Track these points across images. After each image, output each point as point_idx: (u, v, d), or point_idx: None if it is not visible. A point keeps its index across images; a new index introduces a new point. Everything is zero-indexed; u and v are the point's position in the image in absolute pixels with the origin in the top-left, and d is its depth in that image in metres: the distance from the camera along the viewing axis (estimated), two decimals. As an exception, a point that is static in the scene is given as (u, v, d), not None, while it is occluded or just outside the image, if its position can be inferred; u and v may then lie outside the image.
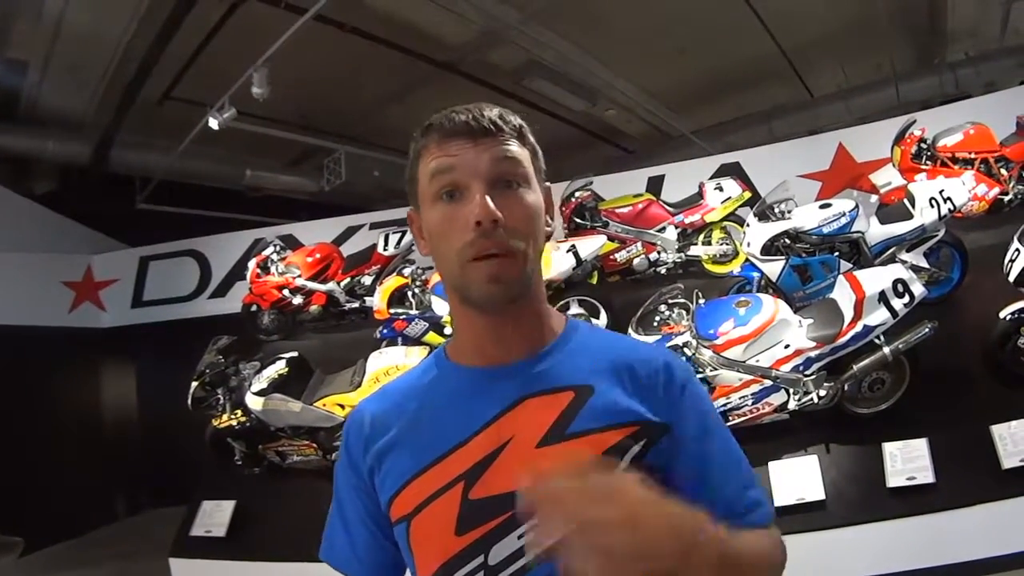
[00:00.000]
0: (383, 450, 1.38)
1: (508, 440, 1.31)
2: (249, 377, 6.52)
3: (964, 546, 4.37)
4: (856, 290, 4.85)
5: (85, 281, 10.24)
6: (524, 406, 1.33)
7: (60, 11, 7.91)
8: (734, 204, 7.40)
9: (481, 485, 1.30)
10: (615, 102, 12.23)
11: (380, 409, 1.45)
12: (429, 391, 1.43)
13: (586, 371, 1.38)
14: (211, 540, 6.38)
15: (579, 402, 1.33)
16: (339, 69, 10.12)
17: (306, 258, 8.28)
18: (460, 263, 1.29)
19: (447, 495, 1.30)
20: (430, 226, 1.34)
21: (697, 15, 9.74)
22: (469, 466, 1.31)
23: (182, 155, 10.73)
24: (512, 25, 9.26)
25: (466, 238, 1.27)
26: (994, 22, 10.70)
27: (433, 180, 1.31)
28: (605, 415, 1.32)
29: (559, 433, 1.31)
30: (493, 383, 1.36)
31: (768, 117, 12.68)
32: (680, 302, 5.70)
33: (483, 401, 1.35)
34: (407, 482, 1.33)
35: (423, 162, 1.35)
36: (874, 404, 5.08)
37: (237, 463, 6.59)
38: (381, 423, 1.42)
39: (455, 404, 1.37)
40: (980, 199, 6.30)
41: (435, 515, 1.30)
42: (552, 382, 1.36)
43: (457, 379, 1.41)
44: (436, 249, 1.34)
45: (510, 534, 1.26)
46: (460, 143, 1.31)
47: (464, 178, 1.29)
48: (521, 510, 1.03)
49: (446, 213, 1.30)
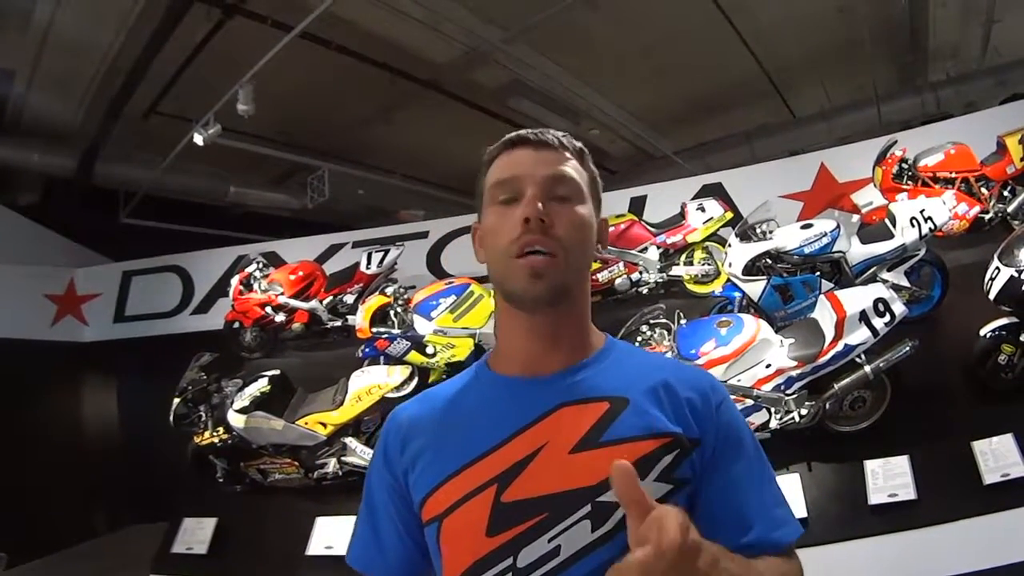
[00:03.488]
0: (419, 451, 1.44)
1: (543, 445, 1.35)
2: (231, 394, 6.47)
3: (947, 562, 4.36)
4: (837, 310, 4.87)
5: (67, 295, 10.15)
6: (560, 414, 1.38)
7: (48, 22, 7.89)
8: (716, 224, 7.41)
9: (514, 488, 1.33)
10: (598, 122, 12.26)
11: (418, 412, 1.52)
12: (467, 397, 1.50)
13: (623, 384, 1.42)
14: (192, 557, 6.31)
15: (614, 412, 1.38)
16: (324, 87, 10.13)
17: (289, 276, 8.25)
18: (506, 259, 1.38)
19: (480, 497, 1.34)
20: (485, 228, 1.45)
21: (680, 36, 9.82)
22: (503, 469, 1.35)
23: (167, 170, 10.70)
24: (496, 45, 9.30)
25: (513, 235, 1.37)
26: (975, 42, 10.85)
27: (493, 186, 1.44)
28: (639, 425, 1.36)
29: (593, 440, 1.35)
30: (531, 390, 1.42)
31: (750, 138, 12.78)
32: (662, 322, 5.71)
33: (519, 407, 1.40)
34: (441, 483, 1.38)
35: (488, 173, 1.48)
36: (856, 422, 5.09)
37: (219, 480, 6.55)
38: (418, 425, 1.48)
39: (492, 409, 1.43)
40: (961, 218, 6.35)
41: (467, 516, 1.34)
42: (589, 392, 1.41)
43: (495, 386, 1.47)
44: (491, 249, 1.43)
45: (540, 537, 1.30)
46: (522, 152, 1.45)
47: (521, 184, 1.40)
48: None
49: (500, 214, 1.41)
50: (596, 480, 1.30)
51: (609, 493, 1.26)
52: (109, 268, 10.61)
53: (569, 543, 1.29)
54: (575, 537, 1.29)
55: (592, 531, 1.29)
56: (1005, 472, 4.47)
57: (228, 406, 6.30)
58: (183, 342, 9.22)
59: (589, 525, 1.29)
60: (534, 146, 1.45)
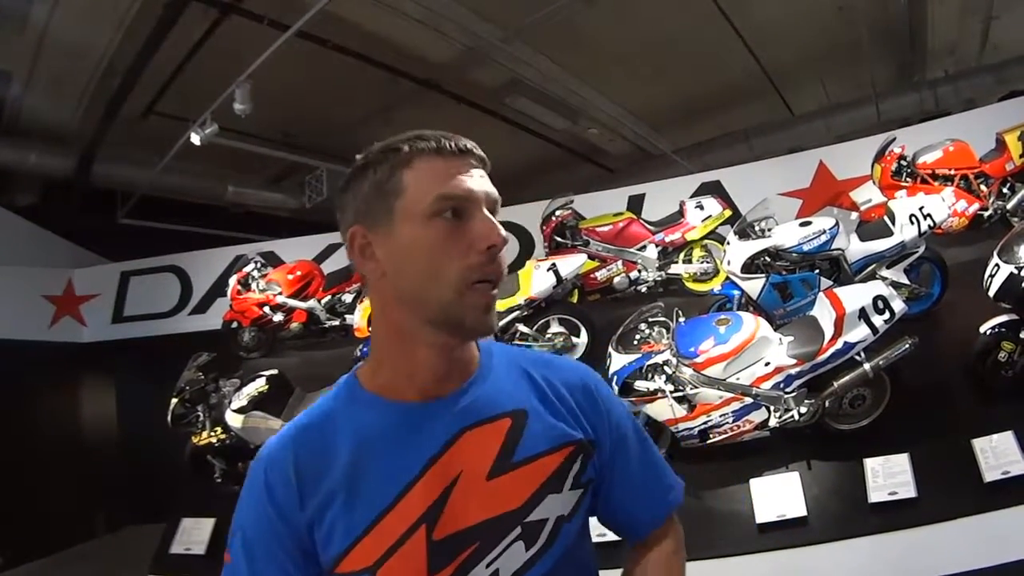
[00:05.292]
0: (324, 502, 1.31)
1: (457, 476, 1.33)
2: (229, 394, 6.49)
3: (947, 560, 4.35)
4: (836, 307, 4.87)
5: (66, 295, 10.16)
6: (465, 439, 1.35)
7: (44, 23, 7.87)
8: (715, 222, 7.43)
9: (442, 524, 1.31)
10: (597, 121, 12.25)
11: (306, 453, 1.36)
12: (362, 432, 1.36)
13: (515, 394, 1.43)
14: (191, 557, 6.33)
15: (517, 428, 1.39)
16: (321, 86, 10.11)
17: (287, 275, 8.25)
18: (459, 285, 1.27)
19: (412, 540, 1.29)
20: (419, 243, 1.28)
21: (679, 34, 9.80)
22: (426, 508, 1.31)
23: (164, 170, 10.70)
24: (495, 44, 9.28)
25: (470, 260, 1.27)
26: (973, 40, 10.83)
27: (439, 195, 1.28)
28: (543, 439, 1.40)
29: (505, 462, 1.36)
30: (431, 418, 1.36)
31: (749, 136, 12.76)
32: (660, 320, 5.69)
33: (423, 439, 1.34)
34: (363, 533, 1.29)
35: (414, 173, 1.30)
36: (855, 420, 5.08)
37: (217, 480, 6.54)
38: (313, 470, 1.34)
39: (395, 444, 1.35)
40: (960, 215, 6.36)
41: (403, 562, 1.29)
42: (487, 411, 1.39)
43: (391, 416, 1.37)
44: (425, 268, 1.28)
45: (478, 565, 1.31)
46: (466, 164, 1.33)
47: (471, 204, 1.30)
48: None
49: (449, 231, 1.28)
50: (520, 502, 1.35)
51: (536, 511, 1.35)
52: (107, 269, 10.62)
53: (507, 566, 1.33)
54: (512, 559, 1.33)
55: (526, 550, 1.34)
56: (1005, 470, 4.46)
57: (226, 406, 6.30)
58: (181, 342, 9.24)
59: (523, 545, 1.34)
60: (476, 161, 1.36)
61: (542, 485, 1.37)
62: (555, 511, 1.38)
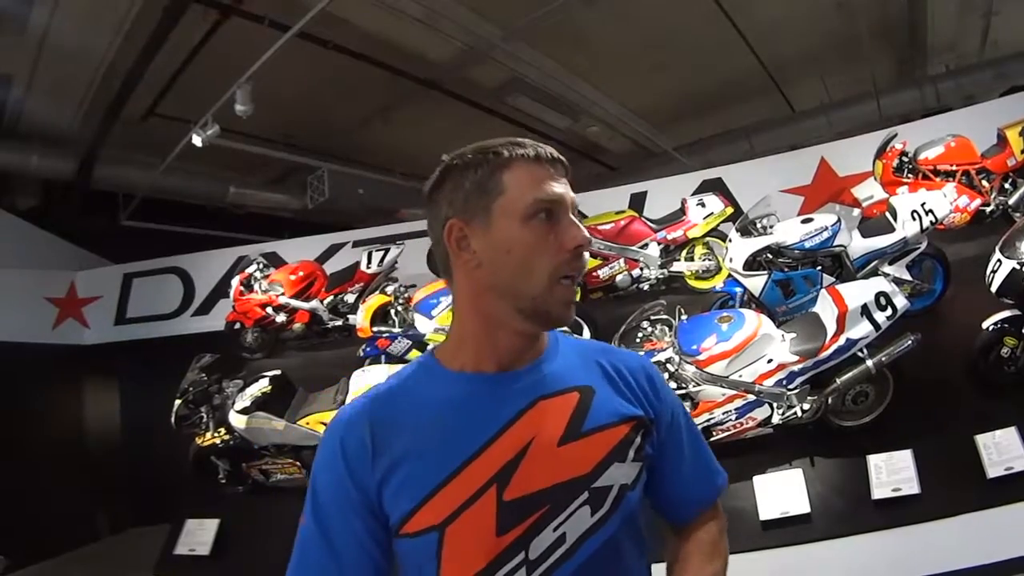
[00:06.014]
0: (397, 460, 1.39)
1: (530, 441, 1.41)
2: (232, 395, 6.49)
3: (950, 556, 4.36)
4: (839, 304, 4.86)
5: (68, 297, 10.17)
6: (538, 408, 1.45)
7: (45, 26, 7.86)
8: (716, 220, 7.42)
9: (513, 486, 1.38)
10: (598, 119, 12.23)
11: (381, 417, 1.44)
12: (433, 396, 1.46)
13: (582, 373, 1.54)
14: (195, 559, 6.33)
15: (586, 401, 1.49)
16: (322, 87, 10.10)
17: (289, 276, 8.26)
18: (551, 279, 1.40)
19: (482, 499, 1.36)
20: (516, 239, 1.40)
21: (679, 32, 9.79)
22: (498, 469, 1.39)
23: (166, 172, 10.69)
24: (495, 43, 9.27)
25: (563, 257, 1.41)
26: (974, 35, 10.82)
27: (537, 199, 1.40)
28: (610, 412, 1.50)
29: (575, 431, 1.45)
30: (506, 388, 1.47)
31: (750, 133, 12.73)
32: (663, 318, 5.70)
33: (499, 405, 1.44)
34: (434, 491, 1.36)
35: (513, 176, 1.42)
36: (858, 417, 5.09)
37: (221, 481, 6.54)
38: (387, 432, 1.42)
39: (471, 409, 1.43)
40: (962, 211, 6.34)
41: (473, 520, 1.36)
42: (558, 384, 1.50)
43: (467, 386, 1.47)
44: (521, 262, 1.40)
45: (546, 528, 1.38)
46: (556, 171, 1.47)
47: (561, 208, 1.43)
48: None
49: (543, 231, 1.41)
50: (588, 468, 1.43)
51: (603, 478, 1.44)
52: (110, 270, 10.63)
53: (573, 529, 1.40)
54: (578, 523, 1.40)
55: (592, 515, 1.42)
56: (1009, 466, 4.47)
57: (229, 407, 6.31)
58: (184, 343, 9.24)
59: (588, 510, 1.41)
60: (564, 169, 1.49)
61: (608, 454, 1.46)
62: (619, 479, 1.46)
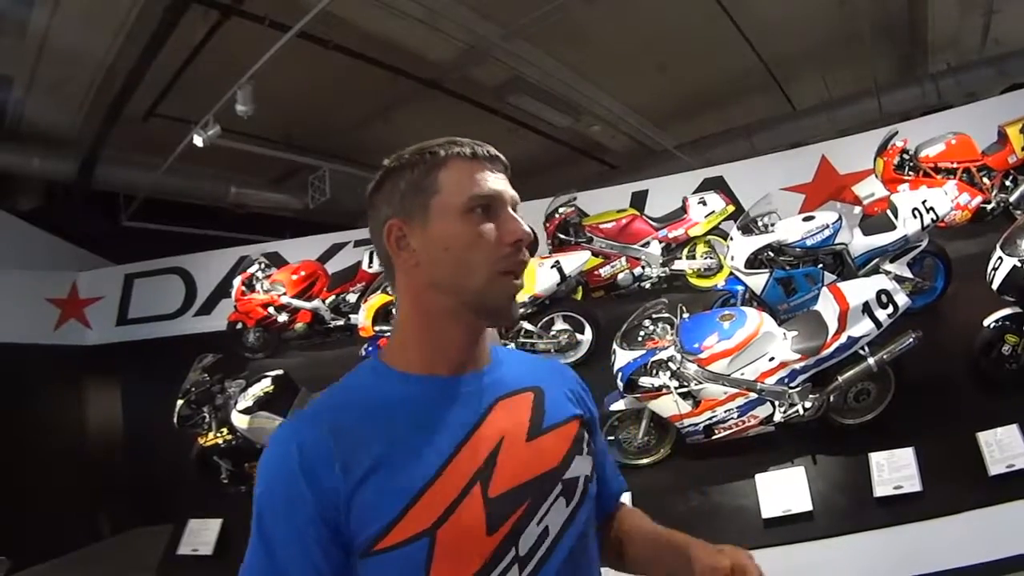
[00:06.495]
0: (367, 472, 1.30)
1: (500, 439, 1.43)
2: (235, 395, 6.50)
3: (952, 554, 4.35)
4: (840, 302, 4.86)
5: (70, 298, 10.19)
6: (500, 407, 1.48)
7: (45, 27, 7.89)
8: (718, 218, 7.43)
9: (496, 482, 1.39)
10: (598, 118, 12.23)
11: (342, 428, 1.35)
12: (395, 403, 1.41)
13: (529, 376, 1.59)
14: (198, 559, 6.34)
15: (540, 400, 1.55)
16: (323, 86, 10.12)
17: (291, 276, 8.27)
18: (490, 274, 1.41)
19: (469, 498, 1.35)
20: (453, 236, 1.41)
21: (679, 30, 9.79)
22: (478, 467, 1.38)
23: (167, 172, 10.70)
24: (495, 42, 9.29)
25: (501, 252, 1.42)
26: (974, 33, 10.81)
27: (473, 195, 1.42)
28: (561, 410, 1.58)
29: (538, 427, 1.50)
30: (464, 389, 1.47)
31: (751, 131, 12.71)
32: (664, 317, 5.70)
33: (462, 407, 1.44)
34: (416, 496, 1.31)
35: (450, 174, 1.43)
36: (860, 414, 5.08)
37: (223, 481, 6.56)
38: (352, 441, 1.33)
39: (436, 413, 1.41)
40: (963, 208, 6.36)
41: (464, 519, 1.33)
42: (512, 385, 1.54)
43: (427, 388, 1.45)
44: (459, 258, 1.40)
45: (531, 522, 1.40)
46: (494, 168, 1.48)
47: (499, 202, 1.45)
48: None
49: (480, 226, 1.41)
50: (558, 461, 1.49)
51: (570, 469, 1.50)
52: (111, 271, 10.64)
53: (554, 521, 1.44)
54: (557, 515, 1.44)
55: (567, 506, 1.47)
56: (1010, 463, 4.46)
57: (232, 407, 6.32)
58: (186, 344, 9.25)
59: (564, 501, 1.46)
60: (501, 166, 1.50)
61: (571, 447, 1.53)
62: (583, 471, 1.53)
